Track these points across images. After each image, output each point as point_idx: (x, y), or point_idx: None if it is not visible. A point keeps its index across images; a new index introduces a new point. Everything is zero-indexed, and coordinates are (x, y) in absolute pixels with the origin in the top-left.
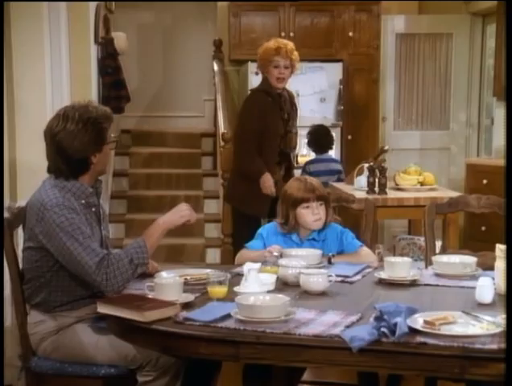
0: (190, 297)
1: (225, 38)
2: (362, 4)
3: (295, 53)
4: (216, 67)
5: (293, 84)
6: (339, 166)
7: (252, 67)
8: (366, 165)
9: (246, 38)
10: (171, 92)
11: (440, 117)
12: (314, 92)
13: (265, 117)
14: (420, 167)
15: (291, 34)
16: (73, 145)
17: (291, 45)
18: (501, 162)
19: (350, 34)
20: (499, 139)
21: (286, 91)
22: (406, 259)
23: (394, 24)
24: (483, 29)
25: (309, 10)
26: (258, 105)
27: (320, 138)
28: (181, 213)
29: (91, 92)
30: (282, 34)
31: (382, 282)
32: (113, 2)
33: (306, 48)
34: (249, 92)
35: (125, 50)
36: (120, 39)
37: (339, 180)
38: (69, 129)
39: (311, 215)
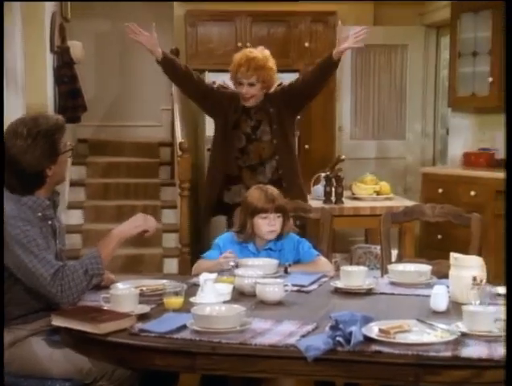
0: (146, 309)
1: (182, 47)
2: (318, 15)
3: (268, 65)
4: None
5: None
6: None
7: (209, 76)
8: (323, 174)
9: (203, 48)
10: (129, 102)
11: (396, 126)
12: None
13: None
14: (376, 177)
15: (248, 44)
16: (26, 161)
17: (259, 58)
18: (456, 171)
19: (306, 44)
20: (454, 149)
21: (267, 96)
22: (362, 268)
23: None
24: (437, 41)
25: (266, 20)
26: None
27: None
28: (136, 223)
29: (47, 102)
30: (239, 44)
31: (338, 291)
32: (69, 11)
33: None
34: None
35: (81, 59)
36: (76, 47)
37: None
38: (19, 145)
39: (267, 225)
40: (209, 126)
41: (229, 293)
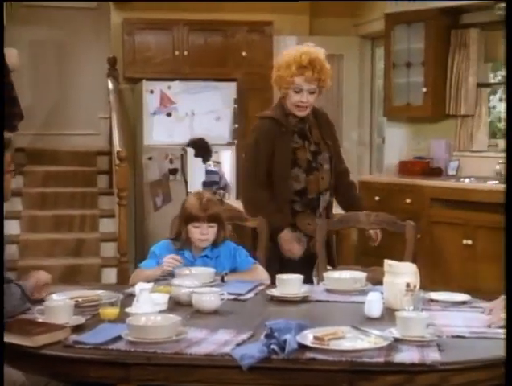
0: (81, 320)
1: (119, 55)
2: (254, 24)
3: (326, 67)
4: (110, 85)
5: (187, 103)
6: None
7: (147, 85)
8: None
9: (141, 56)
10: (66, 110)
11: None
12: (209, 111)
13: (271, 155)
14: None
15: (185, 52)
16: None
17: (321, 58)
18: (392, 179)
19: (243, 53)
20: (390, 157)
21: (314, 110)
22: (298, 276)
23: (286, 44)
24: (372, 51)
25: (203, 29)
26: (264, 140)
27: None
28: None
29: None
30: (177, 52)
31: (274, 299)
32: (5, 17)
33: (200, 67)
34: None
35: (17, 66)
36: (11, 55)
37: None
38: None
39: (199, 234)
40: (147, 135)
41: (164, 303)
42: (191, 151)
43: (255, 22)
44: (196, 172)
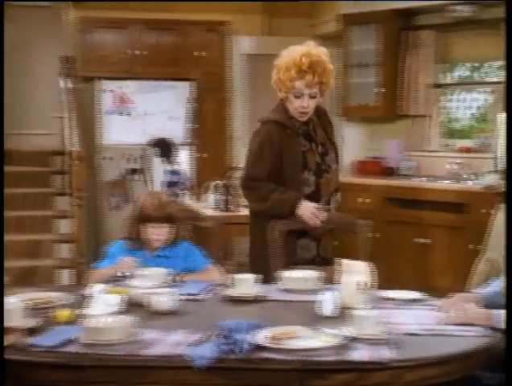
0: (32, 322)
1: (75, 54)
2: (210, 24)
3: (328, 68)
4: (64, 84)
5: (143, 103)
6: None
7: (102, 84)
8: (216, 183)
9: (96, 55)
10: (19, 109)
11: None
12: (164, 111)
13: (278, 160)
14: None
15: (141, 52)
16: None
17: (324, 60)
18: (347, 178)
19: (199, 53)
20: (347, 157)
21: (315, 108)
22: (252, 275)
23: (243, 45)
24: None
25: (158, 28)
26: (269, 144)
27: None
28: None
29: None
30: (132, 52)
31: (229, 299)
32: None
33: (156, 67)
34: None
35: None
36: None
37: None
38: None
39: (156, 234)
40: (102, 135)
41: (120, 304)
42: (153, 151)
43: (211, 22)
44: (158, 172)
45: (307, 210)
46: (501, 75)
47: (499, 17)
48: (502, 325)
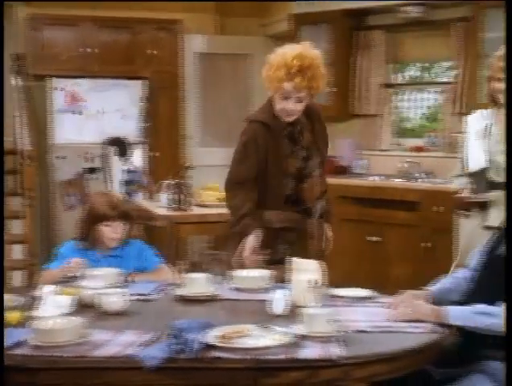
0: None
1: (25, 51)
2: (163, 22)
3: (319, 73)
4: (15, 82)
5: (96, 102)
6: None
7: (55, 82)
8: (170, 182)
9: (47, 52)
10: None
11: None
12: (117, 110)
13: (263, 161)
14: None
15: (93, 50)
16: None
17: (315, 65)
18: None
19: (152, 52)
20: None
21: (307, 108)
22: (204, 275)
23: (195, 43)
24: None
25: (110, 26)
26: (253, 144)
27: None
28: None
29: None
30: (84, 50)
31: (181, 299)
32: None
33: (109, 65)
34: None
35: None
36: None
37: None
38: None
39: (111, 233)
40: (55, 134)
41: (70, 305)
42: (109, 150)
43: (163, 21)
44: (117, 171)
45: (243, 247)
46: (450, 76)
47: (448, 18)
48: (451, 321)
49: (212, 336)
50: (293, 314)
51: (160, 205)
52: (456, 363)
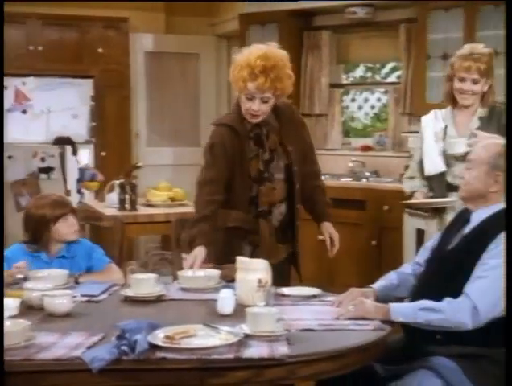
0: None
1: None
2: (110, 20)
3: (284, 74)
4: None
5: (43, 100)
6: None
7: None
8: (117, 182)
9: None
10: None
11: (191, 134)
12: (65, 109)
13: (230, 164)
14: (172, 183)
15: (40, 48)
16: None
17: (280, 66)
18: None
19: (100, 50)
20: None
21: (275, 108)
22: (152, 275)
23: (144, 42)
24: (228, 51)
25: (57, 24)
26: (220, 147)
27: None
28: None
29: None
30: (31, 47)
31: (129, 300)
32: None
33: (56, 63)
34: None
35: None
36: None
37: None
38: None
39: (68, 227)
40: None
41: (15, 308)
42: (59, 149)
43: (111, 19)
44: (71, 170)
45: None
46: (397, 77)
47: (394, 19)
48: (394, 317)
49: (158, 337)
50: (241, 313)
51: (108, 205)
52: (401, 360)
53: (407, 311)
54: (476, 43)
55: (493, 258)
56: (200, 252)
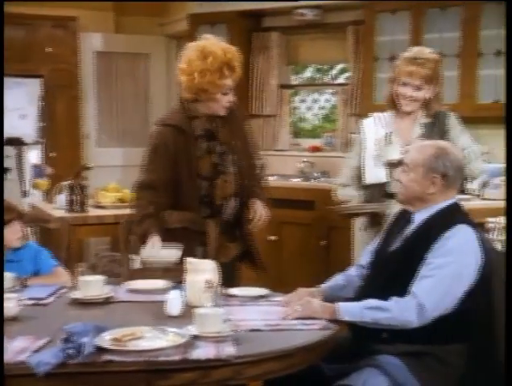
0: None
1: None
2: (58, 19)
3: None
4: None
5: None
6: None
7: None
8: (66, 183)
9: None
10: None
11: (141, 134)
12: (13, 109)
13: (174, 166)
14: (122, 184)
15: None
16: None
17: (236, 55)
18: None
19: (48, 49)
20: None
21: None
22: (99, 277)
23: (92, 42)
24: (178, 51)
25: (5, 22)
26: (165, 149)
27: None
28: None
29: None
30: None
31: (76, 302)
32: None
33: (4, 62)
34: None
35: None
36: None
37: None
38: None
39: (13, 234)
40: None
41: None
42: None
43: (59, 18)
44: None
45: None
46: (345, 78)
47: (342, 21)
48: (340, 316)
49: (105, 339)
50: (189, 314)
51: (57, 207)
52: (347, 359)
53: (354, 310)
54: (423, 47)
55: (438, 257)
56: (156, 239)
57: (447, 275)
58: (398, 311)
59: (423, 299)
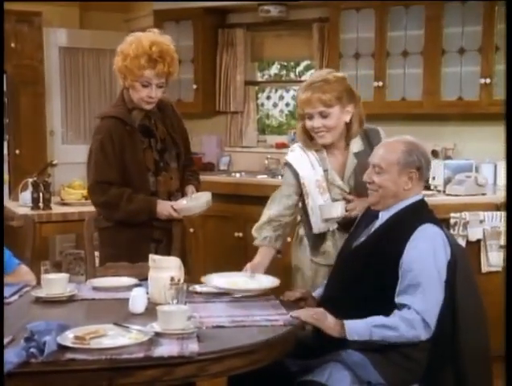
0: None
1: None
2: (23, 14)
3: (176, 58)
4: None
5: None
6: None
7: None
8: (31, 180)
9: None
10: None
11: None
12: None
13: (121, 159)
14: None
15: None
16: None
17: (171, 48)
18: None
19: (12, 45)
20: None
21: (158, 101)
22: (63, 275)
23: (57, 37)
24: None
25: None
26: (110, 142)
27: None
28: None
29: None
30: None
31: (40, 301)
32: None
33: None
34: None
35: None
36: None
37: None
38: None
39: None
40: None
41: None
42: None
43: (23, 13)
44: None
45: (165, 210)
46: (311, 75)
47: (307, 18)
48: (349, 335)
49: (68, 338)
50: (153, 311)
51: (22, 204)
52: (312, 354)
53: (362, 330)
54: (326, 69)
55: (415, 262)
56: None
57: (432, 281)
58: (406, 329)
59: (422, 313)
